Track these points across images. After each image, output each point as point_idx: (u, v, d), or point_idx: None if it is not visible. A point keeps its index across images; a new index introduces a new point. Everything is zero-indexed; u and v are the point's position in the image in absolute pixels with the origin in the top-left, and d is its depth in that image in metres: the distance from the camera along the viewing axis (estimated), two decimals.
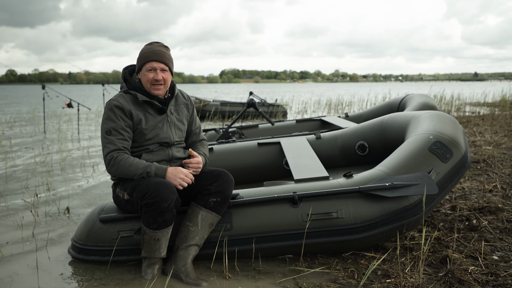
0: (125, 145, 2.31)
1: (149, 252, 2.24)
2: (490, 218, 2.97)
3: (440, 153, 2.56)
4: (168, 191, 2.16)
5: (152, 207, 2.15)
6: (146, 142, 2.36)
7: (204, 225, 2.27)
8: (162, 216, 2.17)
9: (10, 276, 2.30)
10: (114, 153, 2.27)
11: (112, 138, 2.28)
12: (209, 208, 2.27)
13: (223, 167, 3.39)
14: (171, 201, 2.16)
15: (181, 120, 2.49)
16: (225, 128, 5.23)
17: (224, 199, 2.29)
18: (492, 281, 2.12)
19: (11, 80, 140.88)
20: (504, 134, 6.85)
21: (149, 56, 2.33)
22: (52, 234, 2.94)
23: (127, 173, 2.26)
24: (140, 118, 2.34)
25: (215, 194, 2.28)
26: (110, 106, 2.33)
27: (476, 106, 14.32)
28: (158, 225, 2.19)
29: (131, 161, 2.26)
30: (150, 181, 2.21)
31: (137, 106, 2.36)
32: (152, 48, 2.36)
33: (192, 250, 2.26)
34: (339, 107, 14.68)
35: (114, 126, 2.30)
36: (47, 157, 6.00)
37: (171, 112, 2.45)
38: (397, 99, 5.80)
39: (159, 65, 2.33)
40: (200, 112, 11.99)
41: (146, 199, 2.16)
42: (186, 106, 2.55)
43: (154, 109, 2.39)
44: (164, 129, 2.39)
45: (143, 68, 2.35)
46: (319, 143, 3.55)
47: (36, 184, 4.36)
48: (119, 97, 2.37)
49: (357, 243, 2.36)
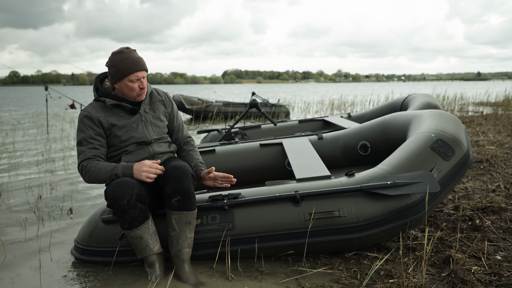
0: (95, 153, 2.32)
1: (140, 252, 2.25)
2: (493, 218, 2.96)
3: (442, 151, 2.56)
4: (124, 188, 2.16)
5: (114, 207, 2.18)
6: (122, 144, 2.36)
7: (181, 227, 2.24)
8: (126, 213, 2.17)
9: (12, 277, 2.31)
10: (84, 163, 2.30)
11: (82, 148, 2.32)
12: (176, 209, 2.24)
13: (226, 168, 3.39)
14: (130, 197, 2.15)
15: (158, 117, 2.48)
16: (227, 128, 5.23)
17: (184, 195, 2.23)
18: (495, 281, 2.11)
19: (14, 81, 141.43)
20: (507, 133, 6.83)
21: (133, 67, 2.31)
22: (55, 235, 2.95)
23: (99, 178, 2.28)
24: (111, 123, 2.35)
25: (173, 194, 2.23)
26: (80, 117, 2.37)
27: (479, 105, 14.28)
28: (129, 223, 2.19)
29: (100, 166, 2.28)
30: (112, 182, 2.24)
31: (107, 112, 2.37)
32: (130, 58, 2.32)
33: (184, 254, 2.25)
34: (341, 107, 14.67)
35: (83, 136, 2.33)
36: (50, 158, 6.02)
37: (146, 111, 2.44)
38: (400, 99, 5.79)
39: (142, 73, 2.35)
40: (203, 112, 12.01)
41: (109, 201, 2.20)
42: (162, 103, 2.53)
43: (125, 111, 2.40)
44: (139, 129, 2.39)
45: (125, 79, 2.32)
46: (321, 144, 3.55)
47: (39, 185, 4.37)
48: (89, 106, 2.40)
49: (359, 242, 2.36)
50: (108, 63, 2.36)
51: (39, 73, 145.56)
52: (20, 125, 11.29)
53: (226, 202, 2.36)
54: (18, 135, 8.90)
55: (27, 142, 7.78)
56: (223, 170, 3.40)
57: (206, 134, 5.61)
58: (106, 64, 2.38)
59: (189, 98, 12.22)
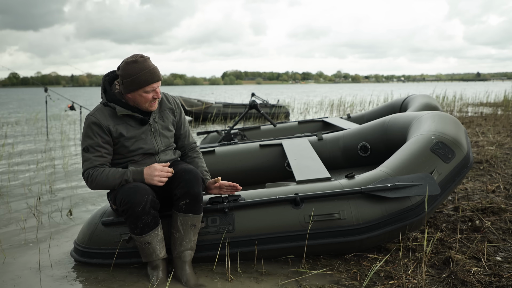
0: (102, 162, 2.29)
1: (146, 257, 2.26)
2: (493, 219, 2.96)
3: (442, 154, 2.56)
4: (139, 194, 2.16)
5: (128, 213, 2.17)
6: (129, 154, 2.34)
7: (186, 229, 2.25)
8: (140, 220, 2.17)
9: (12, 279, 2.31)
10: (89, 171, 2.27)
11: (89, 156, 2.28)
12: (183, 211, 2.24)
13: (225, 169, 3.39)
14: (145, 204, 2.16)
15: (167, 127, 2.44)
16: (227, 130, 5.23)
17: (193, 199, 2.24)
18: (495, 282, 2.11)
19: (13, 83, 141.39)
20: (507, 134, 6.83)
21: (149, 79, 2.23)
22: (55, 237, 2.95)
23: (107, 186, 2.27)
24: (119, 132, 2.29)
25: (182, 197, 2.23)
26: (87, 122, 2.28)
27: (479, 106, 14.28)
28: (141, 229, 2.19)
29: (107, 172, 2.25)
30: (124, 188, 2.21)
31: (116, 120, 2.30)
32: (146, 69, 2.23)
33: (186, 256, 2.25)
34: (341, 108, 14.68)
35: (91, 143, 2.27)
36: (50, 160, 6.01)
37: (155, 121, 2.39)
38: (399, 100, 5.79)
39: (158, 84, 2.28)
40: (202, 114, 12.01)
41: (122, 206, 2.18)
42: (171, 111, 2.48)
43: (135, 121, 2.33)
44: (148, 140, 2.35)
45: (140, 90, 2.25)
46: (321, 144, 3.55)
47: (39, 187, 4.37)
48: (97, 111, 2.30)
49: (359, 244, 2.35)
50: (121, 71, 2.25)
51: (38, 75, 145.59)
52: (19, 126, 11.29)
53: (226, 204, 2.36)
54: (17, 137, 8.90)
55: (26, 144, 7.77)
56: (222, 171, 3.40)
57: (205, 135, 5.62)
58: (118, 71, 2.29)
59: (188, 99, 12.23)
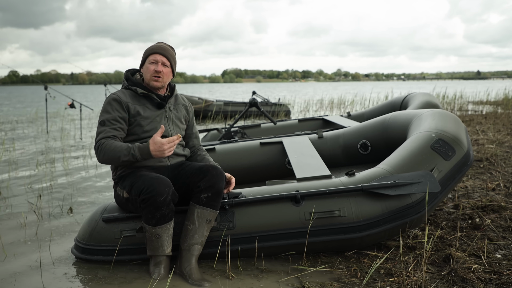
0: (115, 134, 2.36)
1: (152, 250, 2.26)
2: (493, 217, 2.97)
3: (442, 151, 2.56)
4: (163, 185, 2.20)
5: (148, 202, 2.18)
6: (144, 134, 2.41)
7: (201, 222, 2.27)
8: (159, 210, 2.19)
9: (13, 276, 2.31)
10: (102, 140, 2.32)
11: (104, 128, 2.36)
12: (203, 204, 2.28)
13: (225, 166, 3.40)
14: (167, 195, 2.19)
15: (180, 118, 2.58)
16: (227, 127, 5.23)
17: (215, 193, 2.29)
18: (495, 280, 2.11)
19: (13, 81, 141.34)
20: (507, 132, 6.84)
21: (153, 49, 2.46)
22: (55, 234, 2.95)
23: (112, 156, 2.29)
24: (137, 111, 2.42)
25: (205, 189, 2.28)
26: (108, 99, 2.44)
27: (479, 104, 14.28)
28: (157, 220, 2.21)
29: (115, 144, 2.30)
30: (146, 177, 2.25)
31: (135, 100, 2.45)
32: (158, 44, 2.51)
33: (195, 249, 2.27)
34: (341, 106, 14.68)
35: (108, 117, 2.37)
36: (50, 157, 6.02)
37: (170, 109, 2.54)
38: (400, 98, 5.79)
39: (161, 58, 2.45)
40: (202, 112, 12.01)
41: (143, 195, 2.20)
42: (185, 108, 2.65)
43: (152, 103, 2.48)
44: (162, 123, 2.45)
45: (146, 61, 2.47)
46: (321, 142, 3.55)
47: (39, 184, 4.37)
48: (119, 91, 2.48)
49: (359, 241, 2.36)
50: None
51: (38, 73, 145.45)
52: (19, 124, 11.29)
53: (226, 201, 2.36)
54: (18, 134, 8.90)
55: (27, 141, 7.78)
56: (223, 168, 3.39)
57: (206, 133, 5.62)
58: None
59: (189, 97, 12.24)
